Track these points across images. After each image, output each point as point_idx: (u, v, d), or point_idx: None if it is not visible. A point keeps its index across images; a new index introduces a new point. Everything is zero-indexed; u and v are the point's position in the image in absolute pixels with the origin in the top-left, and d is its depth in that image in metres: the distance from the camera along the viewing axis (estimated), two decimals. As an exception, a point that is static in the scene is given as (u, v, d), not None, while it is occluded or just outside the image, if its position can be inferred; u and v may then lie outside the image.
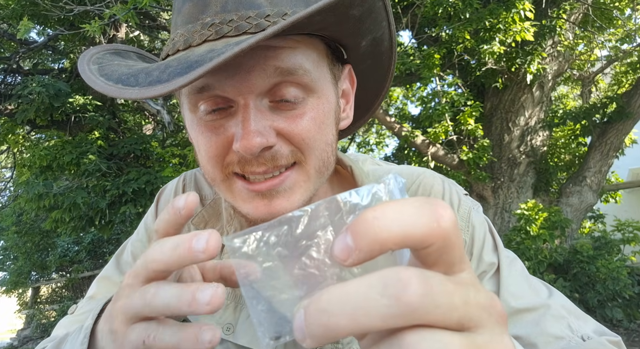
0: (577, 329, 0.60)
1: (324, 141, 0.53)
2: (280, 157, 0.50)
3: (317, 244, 0.27)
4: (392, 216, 0.23)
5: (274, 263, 0.27)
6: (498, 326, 0.24)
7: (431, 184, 0.71)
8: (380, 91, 0.70)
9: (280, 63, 0.48)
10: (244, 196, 0.53)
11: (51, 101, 5.47)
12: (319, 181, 0.55)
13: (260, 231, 0.27)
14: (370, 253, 0.22)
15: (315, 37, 0.52)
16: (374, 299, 0.21)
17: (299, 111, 0.50)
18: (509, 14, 4.34)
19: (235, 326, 0.68)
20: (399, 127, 5.58)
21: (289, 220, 0.27)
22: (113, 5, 3.79)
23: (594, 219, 6.75)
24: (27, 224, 8.12)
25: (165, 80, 0.43)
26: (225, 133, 0.50)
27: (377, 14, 0.52)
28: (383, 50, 0.61)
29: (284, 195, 0.52)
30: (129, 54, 0.58)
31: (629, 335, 4.64)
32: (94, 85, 0.47)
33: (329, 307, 0.22)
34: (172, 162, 6.16)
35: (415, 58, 4.94)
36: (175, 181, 0.79)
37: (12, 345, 8.10)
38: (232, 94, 0.48)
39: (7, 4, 5.67)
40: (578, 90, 8.01)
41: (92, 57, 0.53)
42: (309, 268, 0.27)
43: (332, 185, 0.68)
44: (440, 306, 0.21)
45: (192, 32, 0.48)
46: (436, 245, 0.23)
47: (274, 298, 0.27)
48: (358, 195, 0.28)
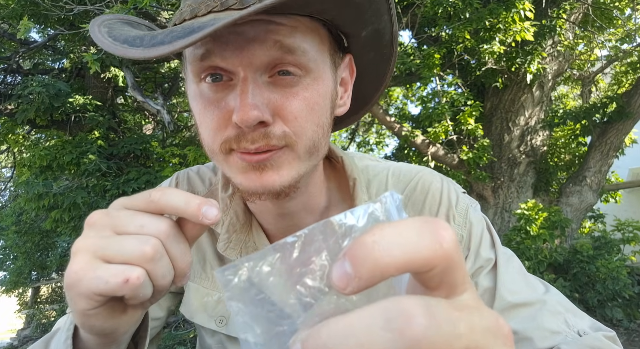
0: (573, 325, 0.61)
1: (315, 122, 0.54)
2: (273, 136, 0.51)
3: (312, 271, 0.25)
4: (392, 240, 0.22)
5: (267, 294, 0.26)
6: (505, 348, 0.23)
7: (430, 182, 0.71)
8: (380, 85, 0.70)
9: (280, 37, 0.49)
10: (239, 166, 0.54)
11: (51, 101, 5.47)
12: (309, 162, 0.56)
13: (252, 261, 0.26)
14: (371, 281, 0.21)
15: (318, 22, 0.54)
16: (377, 333, 0.20)
17: (295, 89, 0.52)
18: (509, 14, 4.33)
19: (227, 319, 0.70)
20: (399, 127, 5.58)
21: (282, 247, 0.25)
22: (113, 5, 3.79)
23: (594, 219, 6.75)
24: (27, 224, 8.11)
25: (167, 42, 0.44)
26: (226, 107, 0.52)
27: (379, 4, 0.54)
28: (384, 43, 0.62)
29: (272, 169, 0.53)
30: (141, 26, 0.60)
31: (629, 335, 4.64)
32: (101, 44, 0.48)
33: (329, 342, 0.20)
34: (172, 161, 6.16)
35: (415, 58, 4.94)
36: (168, 181, 0.79)
37: (12, 345, 8.10)
38: (231, 65, 0.50)
39: (7, 3, 5.67)
40: (578, 90, 8.01)
41: (103, 21, 0.54)
42: (304, 297, 0.25)
43: (327, 174, 0.69)
44: (445, 336, 0.20)
45: (199, 3, 0.50)
46: (439, 268, 0.22)
47: (270, 331, 0.26)
48: (353, 216, 0.26)
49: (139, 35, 0.49)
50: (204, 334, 0.75)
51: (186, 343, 5.29)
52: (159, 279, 0.39)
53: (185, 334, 5.45)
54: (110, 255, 0.37)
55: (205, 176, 0.77)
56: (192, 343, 5.28)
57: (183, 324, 5.61)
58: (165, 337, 5.32)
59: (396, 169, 0.74)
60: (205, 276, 0.72)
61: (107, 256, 0.37)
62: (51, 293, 11.15)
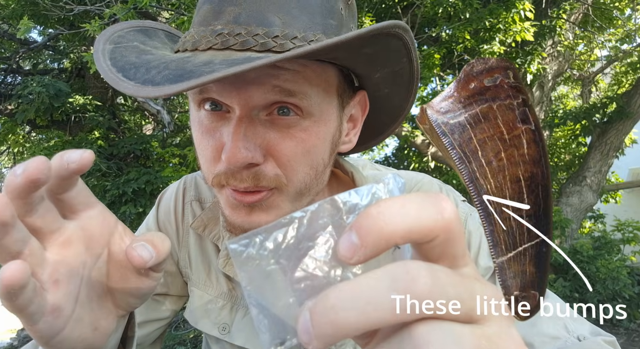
0: (573, 330, 0.61)
1: (309, 164, 0.53)
2: (264, 178, 0.50)
3: (318, 245, 0.26)
4: (396, 211, 0.22)
5: (276, 267, 0.27)
6: (505, 318, 0.24)
7: (429, 191, 0.72)
8: (395, 119, 0.68)
9: (280, 83, 0.47)
10: (229, 202, 0.54)
11: (51, 101, 5.47)
12: (299, 203, 0.56)
13: (262, 234, 0.27)
14: (377, 249, 0.22)
15: (327, 63, 0.52)
16: (384, 293, 0.21)
17: (292, 130, 0.50)
18: (509, 14, 4.34)
19: (231, 327, 0.69)
20: (399, 127, 5.58)
21: (290, 222, 0.27)
22: (113, 5, 3.79)
23: (594, 219, 6.75)
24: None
25: (157, 83, 0.43)
26: (220, 139, 0.51)
27: (395, 51, 0.52)
28: (401, 83, 0.60)
29: (261, 209, 0.53)
30: (157, 32, 0.58)
31: (629, 335, 4.64)
32: (98, 67, 0.47)
33: (338, 303, 0.21)
34: (172, 162, 6.16)
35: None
36: (176, 185, 0.79)
37: (12, 345, 8.10)
38: (228, 101, 0.49)
39: (7, 3, 5.67)
40: (578, 90, 8.01)
41: (112, 34, 0.52)
42: (311, 269, 0.26)
43: (332, 191, 0.69)
44: (449, 298, 0.21)
45: (202, 37, 0.49)
46: (440, 238, 0.23)
47: (277, 303, 0.27)
48: (358, 195, 0.27)
49: (138, 62, 0.47)
50: (209, 341, 0.76)
51: (186, 343, 5.30)
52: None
53: (185, 334, 5.46)
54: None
55: None
56: (192, 343, 5.28)
57: (183, 324, 5.62)
58: (165, 337, 5.32)
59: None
60: (210, 284, 0.72)
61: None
62: (51, 293, 11.13)
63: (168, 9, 5.01)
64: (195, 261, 0.74)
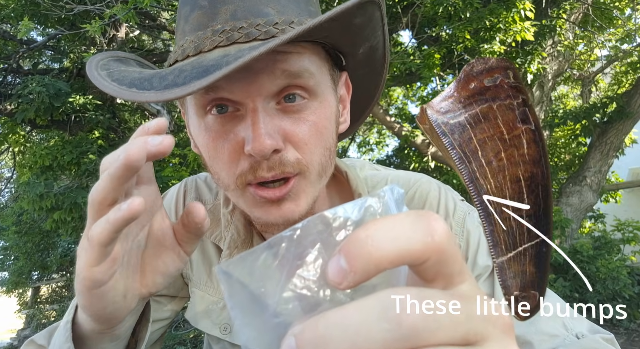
0: (571, 328, 0.61)
1: (323, 145, 0.55)
2: (287, 163, 0.52)
3: (306, 263, 0.26)
4: (384, 235, 0.22)
5: (265, 288, 0.26)
6: (504, 336, 0.23)
7: (427, 190, 0.72)
8: (372, 98, 0.72)
9: (288, 66, 0.49)
10: (256, 202, 0.54)
11: (51, 101, 5.47)
12: (319, 185, 0.57)
13: (251, 255, 0.26)
14: (366, 274, 0.21)
15: (317, 44, 0.54)
16: (374, 323, 0.20)
17: (303, 114, 0.52)
18: (509, 14, 4.34)
19: (232, 327, 0.70)
20: (399, 127, 5.58)
21: (279, 241, 0.26)
22: (113, 5, 3.79)
23: (594, 219, 6.75)
24: (28, 224, 8.11)
25: (182, 83, 0.44)
26: (235, 138, 0.51)
27: (375, 22, 0.54)
28: (377, 58, 0.63)
29: (289, 200, 0.54)
30: (129, 61, 0.59)
31: (629, 335, 4.64)
32: (106, 90, 0.47)
33: (326, 333, 0.20)
34: (172, 161, 6.16)
35: (416, 58, 4.94)
36: (177, 188, 0.80)
37: (12, 345, 8.11)
38: (240, 96, 0.50)
39: (7, 3, 5.67)
40: (578, 90, 8.01)
41: (98, 63, 0.53)
42: (299, 289, 0.25)
43: (330, 190, 0.69)
44: (442, 324, 0.20)
45: (203, 39, 0.50)
46: (433, 260, 0.22)
47: (266, 323, 0.26)
48: (348, 210, 0.27)
49: (144, 77, 0.48)
50: (210, 341, 0.76)
51: (186, 343, 5.30)
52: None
53: (185, 334, 5.46)
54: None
55: (212, 185, 0.78)
56: (192, 343, 5.28)
57: (183, 324, 5.62)
58: (165, 337, 5.33)
59: (394, 178, 0.75)
60: (211, 284, 0.73)
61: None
62: (51, 293, 11.15)
63: (168, 9, 5.01)
64: (196, 262, 0.74)
